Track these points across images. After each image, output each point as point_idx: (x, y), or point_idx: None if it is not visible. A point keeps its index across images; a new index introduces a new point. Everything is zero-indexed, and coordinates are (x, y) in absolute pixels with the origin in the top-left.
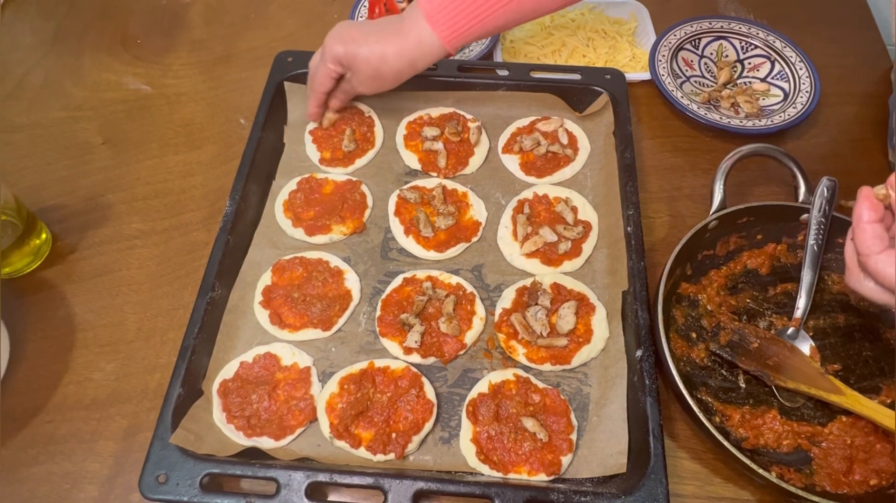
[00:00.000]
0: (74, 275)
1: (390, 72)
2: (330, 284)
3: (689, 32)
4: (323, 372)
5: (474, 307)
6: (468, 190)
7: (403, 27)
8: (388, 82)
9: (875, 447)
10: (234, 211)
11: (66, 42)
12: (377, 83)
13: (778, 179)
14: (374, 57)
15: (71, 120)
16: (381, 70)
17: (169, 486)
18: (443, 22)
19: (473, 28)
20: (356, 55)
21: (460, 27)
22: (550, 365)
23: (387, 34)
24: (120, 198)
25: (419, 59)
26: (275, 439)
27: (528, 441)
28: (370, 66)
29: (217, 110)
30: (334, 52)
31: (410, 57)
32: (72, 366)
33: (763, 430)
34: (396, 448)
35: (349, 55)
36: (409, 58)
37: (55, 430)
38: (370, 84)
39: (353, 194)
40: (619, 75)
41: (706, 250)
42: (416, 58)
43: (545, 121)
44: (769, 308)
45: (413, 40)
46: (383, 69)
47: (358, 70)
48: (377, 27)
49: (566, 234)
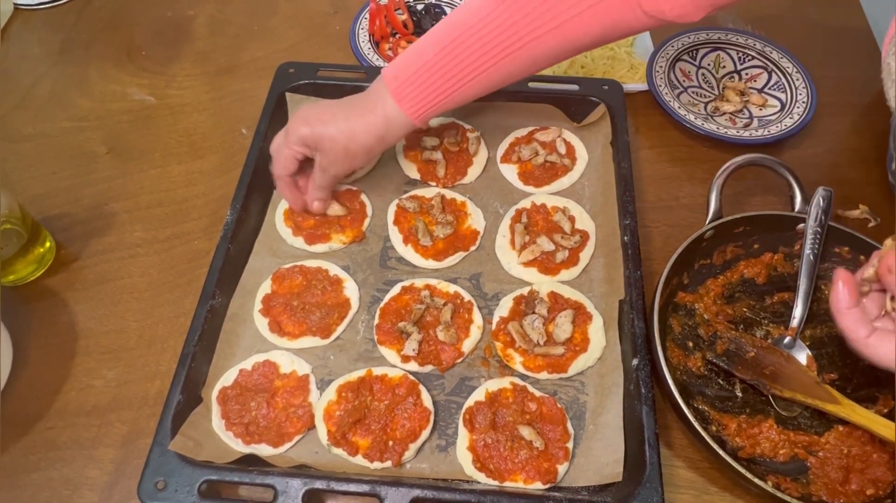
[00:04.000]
0: (77, 283)
1: (360, 149)
2: (329, 292)
3: (687, 43)
4: (321, 379)
5: (472, 315)
6: (467, 199)
7: (369, 104)
8: (358, 159)
9: (872, 457)
10: (235, 220)
11: (73, 53)
12: (347, 162)
13: (774, 189)
14: (341, 135)
15: (76, 130)
16: (349, 148)
17: (167, 493)
18: (409, 98)
19: (440, 102)
20: (322, 135)
21: (427, 103)
22: (547, 373)
23: (354, 112)
24: (123, 206)
25: (388, 134)
26: (273, 446)
27: (525, 449)
28: (338, 145)
29: (220, 121)
30: (299, 133)
31: (379, 133)
32: (73, 372)
33: (759, 440)
34: (393, 456)
35: (315, 136)
36: (377, 134)
37: (56, 437)
38: (341, 163)
39: (353, 203)
40: (616, 86)
41: (703, 259)
42: (385, 133)
43: (543, 131)
44: (766, 317)
45: (380, 116)
46: (352, 147)
47: (326, 150)
48: (344, 105)
49: (563, 243)
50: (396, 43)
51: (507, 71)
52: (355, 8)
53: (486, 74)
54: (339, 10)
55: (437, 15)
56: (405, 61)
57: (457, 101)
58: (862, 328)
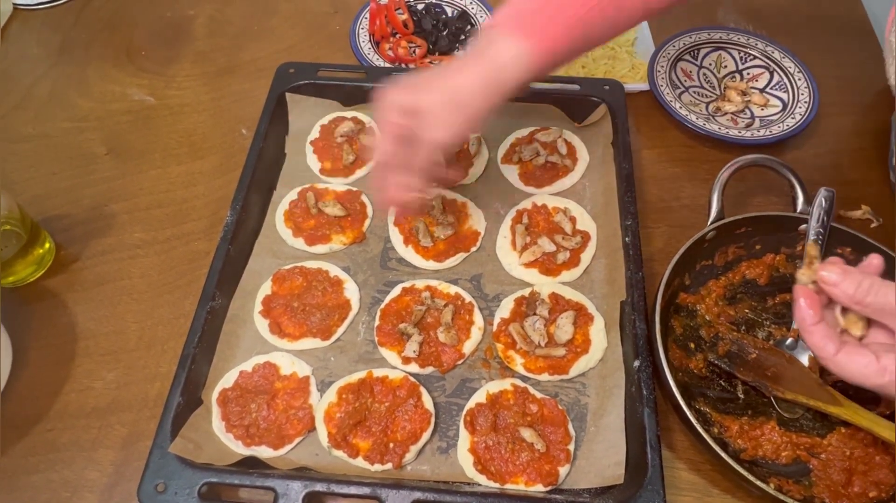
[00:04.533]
0: (77, 284)
1: (467, 103)
2: (329, 294)
3: (688, 43)
4: (322, 381)
5: (473, 317)
6: (467, 200)
7: (473, 57)
8: (465, 120)
9: (874, 459)
10: (235, 221)
11: (73, 54)
12: (452, 123)
13: (776, 190)
14: (443, 92)
15: (76, 130)
16: (455, 101)
17: (167, 495)
18: (528, 26)
19: (567, 29)
20: (420, 96)
21: (551, 30)
22: (548, 375)
23: (455, 68)
24: (123, 207)
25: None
26: (273, 448)
27: (526, 451)
28: (439, 104)
29: (219, 121)
30: (395, 100)
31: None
32: (73, 374)
33: (762, 441)
34: (394, 458)
35: (414, 99)
36: (487, 82)
37: (56, 439)
38: (445, 126)
39: (354, 204)
40: (617, 86)
41: (704, 260)
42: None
43: (544, 131)
44: (768, 318)
45: (489, 61)
46: (458, 99)
47: (425, 112)
48: (442, 67)
49: (564, 243)
50: (397, 43)
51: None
52: (355, 8)
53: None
54: (339, 10)
55: (438, 14)
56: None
57: (583, 33)
58: (830, 344)
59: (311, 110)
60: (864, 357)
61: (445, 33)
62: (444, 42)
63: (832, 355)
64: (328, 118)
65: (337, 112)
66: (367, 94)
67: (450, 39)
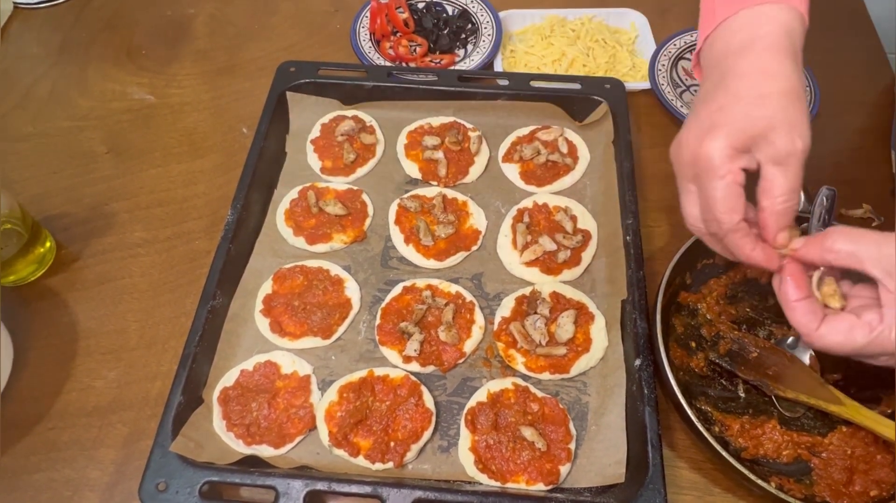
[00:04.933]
0: (78, 283)
1: (787, 92)
2: (330, 293)
3: (689, 42)
4: (322, 380)
5: (473, 316)
6: (468, 199)
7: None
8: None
9: (875, 458)
10: (236, 220)
11: (73, 53)
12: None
13: None
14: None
15: (76, 129)
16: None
17: (168, 494)
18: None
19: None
20: (746, 119)
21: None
22: (549, 374)
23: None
24: (123, 206)
25: (797, 50)
26: (274, 447)
27: (527, 450)
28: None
29: (220, 120)
30: (720, 145)
31: (791, 54)
32: (74, 373)
33: (763, 440)
34: (395, 456)
35: (744, 128)
36: (790, 55)
37: (57, 438)
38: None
39: (354, 203)
40: (618, 85)
41: (705, 259)
42: (795, 49)
43: (545, 130)
44: (769, 317)
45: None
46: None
47: (764, 129)
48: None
49: (565, 242)
50: (397, 41)
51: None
52: (356, 6)
53: None
54: (340, 9)
55: (438, 13)
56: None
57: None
58: (813, 319)
59: (312, 109)
60: (844, 321)
61: (446, 32)
62: (444, 41)
63: (815, 330)
64: (329, 117)
65: (338, 111)
66: (368, 93)
67: (450, 38)
